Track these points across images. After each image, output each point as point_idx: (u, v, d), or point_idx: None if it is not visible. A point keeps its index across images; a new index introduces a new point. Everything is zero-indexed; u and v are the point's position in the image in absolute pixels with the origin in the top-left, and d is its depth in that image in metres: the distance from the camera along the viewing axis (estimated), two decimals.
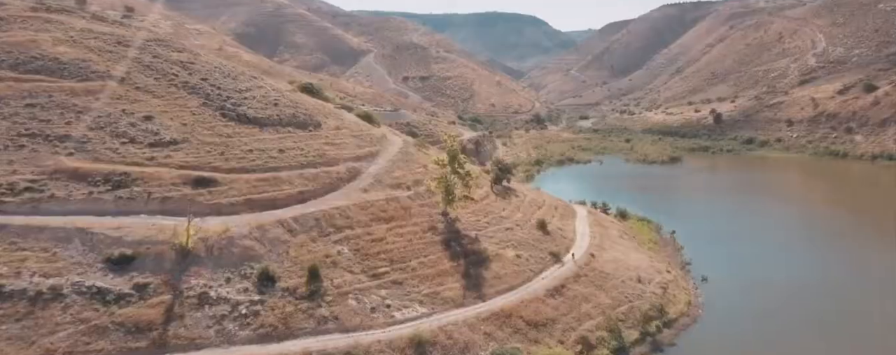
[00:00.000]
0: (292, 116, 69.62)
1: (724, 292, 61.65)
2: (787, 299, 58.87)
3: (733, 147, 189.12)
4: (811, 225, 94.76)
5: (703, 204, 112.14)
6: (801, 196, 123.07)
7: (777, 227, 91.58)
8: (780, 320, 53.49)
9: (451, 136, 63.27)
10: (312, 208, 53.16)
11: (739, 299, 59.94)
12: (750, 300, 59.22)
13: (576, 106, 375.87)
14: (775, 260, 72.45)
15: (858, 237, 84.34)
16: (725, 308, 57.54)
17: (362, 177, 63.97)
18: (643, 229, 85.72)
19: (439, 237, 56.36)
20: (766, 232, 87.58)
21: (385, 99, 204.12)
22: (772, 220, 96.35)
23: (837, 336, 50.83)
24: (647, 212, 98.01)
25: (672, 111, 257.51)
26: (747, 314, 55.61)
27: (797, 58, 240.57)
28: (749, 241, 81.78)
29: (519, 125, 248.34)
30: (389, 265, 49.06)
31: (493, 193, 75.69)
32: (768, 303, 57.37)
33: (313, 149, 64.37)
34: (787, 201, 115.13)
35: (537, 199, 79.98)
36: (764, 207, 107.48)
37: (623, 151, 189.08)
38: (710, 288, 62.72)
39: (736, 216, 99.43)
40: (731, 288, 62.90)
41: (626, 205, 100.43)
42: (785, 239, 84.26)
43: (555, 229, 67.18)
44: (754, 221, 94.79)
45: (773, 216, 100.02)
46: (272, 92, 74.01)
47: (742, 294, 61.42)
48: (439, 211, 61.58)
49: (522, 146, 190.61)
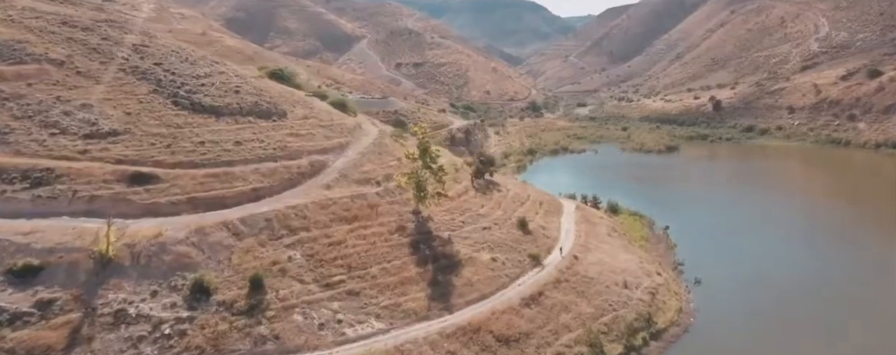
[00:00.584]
0: (254, 105, 64.25)
1: (717, 295, 56.82)
2: (784, 302, 54.04)
3: (732, 135, 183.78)
4: (812, 218, 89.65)
5: (699, 196, 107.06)
6: (802, 186, 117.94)
7: (776, 221, 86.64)
8: (776, 326, 48.72)
9: (421, 127, 57.94)
10: (266, 207, 48.02)
11: (734, 303, 55.04)
12: (745, 304, 54.33)
13: (574, 93, 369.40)
14: (773, 258, 67.53)
15: (862, 231, 79.47)
16: (719, 314, 52.66)
17: (327, 171, 58.81)
18: (635, 225, 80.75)
19: (407, 239, 51.30)
20: (764, 226, 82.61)
21: (375, 86, 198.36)
22: (770, 213, 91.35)
23: (837, 342, 46.10)
24: (640, 204, 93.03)
25: (671, 98, 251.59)
26: (741, 320, 50.76)
27: (799, 43, 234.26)
28: (746, 237, 76.83)
29: (514, 113, 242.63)
30: (347, 272, 44.04)
31: (473, 188, 70.60)
32: (764, 308, 52.47)
33: (274, 141, 59.10)
34: (787, 192, 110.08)
35: (521, 194, 74.89)
36: (762, 199, 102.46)
37: (619, 140, 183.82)
38: (704, 291, 57.84)
39: (733, 209, 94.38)
40: (726, 290, 58.03)
41: (619, 197, 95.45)
42: (784, 234, 79.34)
43: (537, 228, 62.12)
44: (752, 214, 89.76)
45: (772, 209, 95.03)
46: (234, 78, 68.56)
47: (736, 297, 56.51)
48: (411, 209, 56.52)
49: (516, 135, 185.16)
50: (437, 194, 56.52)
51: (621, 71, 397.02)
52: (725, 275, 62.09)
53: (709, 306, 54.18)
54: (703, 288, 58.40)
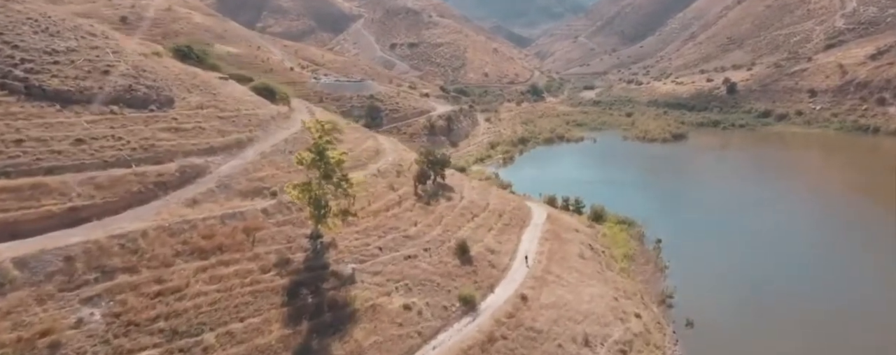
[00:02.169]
0: (127, 90, 50.24)
1: (715, 347, 42.77)
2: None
3: (747, 121, 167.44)
4: (841, 224, 74.29)
5: (704, 194, 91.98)
6: (826, 182, 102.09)
7: (795, 228, 71.89)
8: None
9: (317, 122, 43.54)
10: (79, 237, 34.32)
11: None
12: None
13: (582, 75, 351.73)
14: (791, 285, 53.12)
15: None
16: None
17: (204, 179, 45.00)
18: (620, 237, 66.39)
19: (287, 279, 37.46)
20: (780, 236, 67.87)
21: (358, 68, 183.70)
22: (789, 218, 76.48)
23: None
24: (633, 206, 78.79)
25: (682, 80, 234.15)
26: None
27: (823, 19, 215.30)
28: (757, 253, 62.23)
29: (513, 96, 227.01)
30: (167, 341, 30.37)
31: (416, 196, 56.52)
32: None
33: (139, 139, 45.21)
34: (808, 189, 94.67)
35: (478, 202, 60.76)
36: (779, 198, 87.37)
37: (623, 127, 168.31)
38: (696, 340, 43.80)
39: (742, 212, 79.30)
40: (726, 340, 43.91)
41: (609, 197, 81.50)
42: (805, 247, 64.65)
43: (482, 253, 48.04)
44: (765, 220, 74.88)
45: (791, 211, 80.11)
46: (110, 55, 54.48)
47: (740, 348, 42.51)
48: (309, 231, 42.71)
49: (509, 122, 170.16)
50: (343, 213, 42.52)
51: (632, 52, 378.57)
52: (725, 315, 47.91)
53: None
54: (695, 336, 44.29)
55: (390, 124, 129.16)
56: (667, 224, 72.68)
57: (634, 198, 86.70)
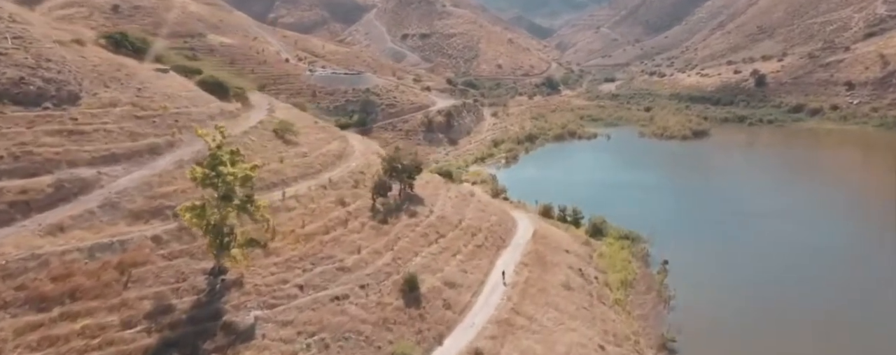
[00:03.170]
0: (15, 83, 41.83)
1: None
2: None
3: (776, 116, 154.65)
4: (883, 240, 63.26)
5: (724, 201, 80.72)
6: (867, 187, 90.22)
7: (831, 245, 60.88)
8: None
9: (217, 128, 34.20)
10: None
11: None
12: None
13: (603, 67, 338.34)
14: (833, 329, 42.79)
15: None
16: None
17: (89, 196, 36.38)
18: (619, 258, 56.44)
19: (156, 337, 28.68)
20: (813, 257, 57.11)
21: (360, 60, 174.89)
22: (823, 232, 65.53)
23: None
24: (639, 217, 68.72)
25: (708, 72, 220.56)
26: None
27: (862, 6, 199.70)
28: (784, 277, 51.77)
29: (526, 89, 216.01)
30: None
31: (372, 211, 47.35)
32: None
33: (13, 144, 36.79)
34: (846, 194, 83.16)
35: (449, 218, 51.42)
36: (811, 205, 76.25)
37: (640, 122, 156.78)
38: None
39: (769, 225, 68.40)
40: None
41: (615, 204, 71.72)
42: (849, 272, 53.81)
43: (437, 287, 38.76)
44: (797, 236, 64.04)
45: (823, 221, 69.13)
46: (8, 41, 46.09)
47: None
48: (211, 265, 33.89)
49: (517, 117, 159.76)
50: (250, 243, 33.55)
51: (657, 42, 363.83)
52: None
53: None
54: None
55: (385, 120, 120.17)
56: (677, 238, 62.52)
57: (643, 205, 76.43)
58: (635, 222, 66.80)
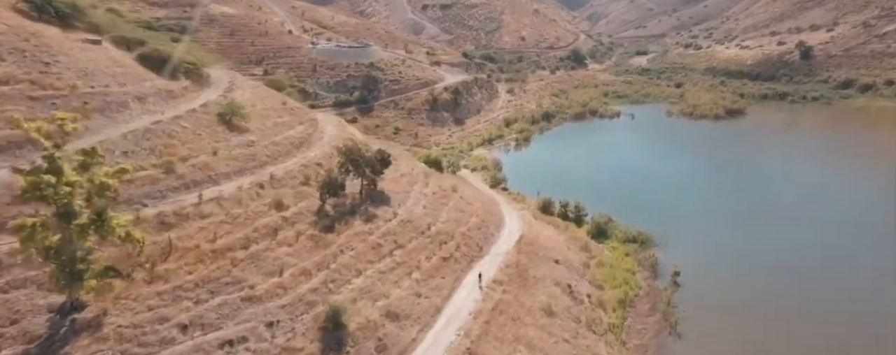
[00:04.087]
0: None
1: None
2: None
3: (822, 93, 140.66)
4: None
5: (753, 194, 70.38)
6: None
7: (874, 257, 50.83)
8: None
9: (56, 116, 26.69)
10: None
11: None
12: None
13: (636, 39, 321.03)
14: None
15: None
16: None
17: None
18: (621, 267, 47.67)
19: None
20: (873, 280, 47.35)
21: (371, 32, 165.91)
22: (878, 235, 55.29)
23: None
24: (652, 212, 59.63)
25: (748, 44, 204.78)
26: None
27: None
28: (833, 305, 42.42)
29: (550, 63, 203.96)
30: None
31: (318, 215, 39.69)
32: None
33: None
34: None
35: (418, 221, 43.43)
36: (863, 201, 65.56)
37: (670, 99, 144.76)
38: None
39: (808, 225, 58.39)
40: None
41: (626, 196, 62.85)
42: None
43: (374, 321, 31.04)
44: (843, 240, 54.06)
45: (871, 225, 58.69)
46: None
47: None
48: (67, 297, 26.77)
49: (535, 94, 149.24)
50: (106, 272, 26.23)
51: (695, 12, 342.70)
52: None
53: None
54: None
55: (388, 98, 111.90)
56: (694, 241, 53.42)
57: (658, 198, 66.97)
58: (646, 217, 57.81)
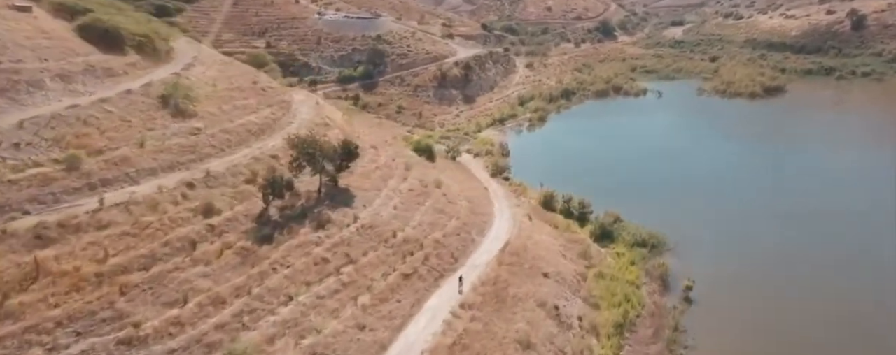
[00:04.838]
0: None
1: None
2: None
3: (874, 67, 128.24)
4: None
5: (789, 191, 61.72)
6: None
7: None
8: None
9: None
10: None
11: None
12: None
13: (673, 8, 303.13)
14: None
15: None
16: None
17: None
18: (623, 279, 40.50)
19: None
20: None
21: (385, 2, 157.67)
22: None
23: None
24: (667, 208, 52.14)
25: (794, 13, 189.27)
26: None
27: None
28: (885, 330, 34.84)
29: (577, 36, 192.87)
30: None
31: (262, 219, 33.63)
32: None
33: None
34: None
35: (383, 226, 37.04)
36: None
37: (703, 75, 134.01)
38: None
39: (851, 226, 50.07)
40: None
41: (641, 188, 55.74)
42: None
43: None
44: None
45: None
46: None
47: None
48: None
49: (557, 68, 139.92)
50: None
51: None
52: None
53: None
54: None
55: (394, 73, 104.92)
56: (712, 243, 45.97)
57: (676, 191, 59.09)
58: (659, 214, 50.38)
